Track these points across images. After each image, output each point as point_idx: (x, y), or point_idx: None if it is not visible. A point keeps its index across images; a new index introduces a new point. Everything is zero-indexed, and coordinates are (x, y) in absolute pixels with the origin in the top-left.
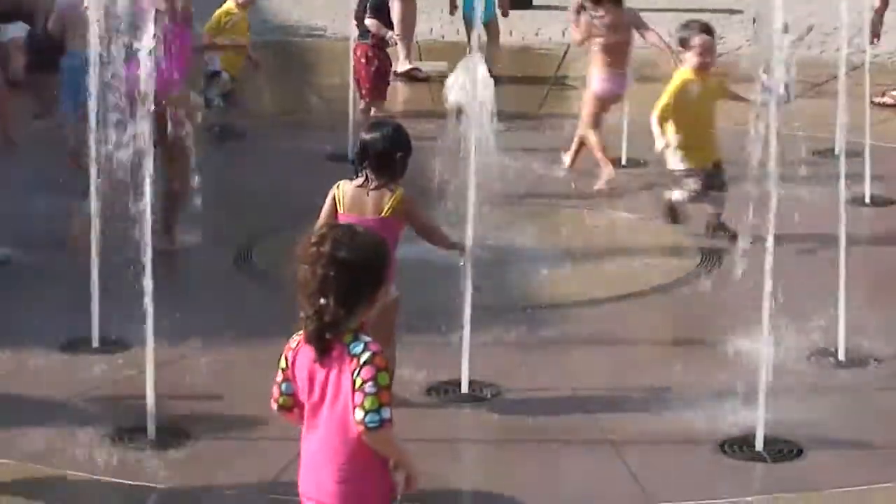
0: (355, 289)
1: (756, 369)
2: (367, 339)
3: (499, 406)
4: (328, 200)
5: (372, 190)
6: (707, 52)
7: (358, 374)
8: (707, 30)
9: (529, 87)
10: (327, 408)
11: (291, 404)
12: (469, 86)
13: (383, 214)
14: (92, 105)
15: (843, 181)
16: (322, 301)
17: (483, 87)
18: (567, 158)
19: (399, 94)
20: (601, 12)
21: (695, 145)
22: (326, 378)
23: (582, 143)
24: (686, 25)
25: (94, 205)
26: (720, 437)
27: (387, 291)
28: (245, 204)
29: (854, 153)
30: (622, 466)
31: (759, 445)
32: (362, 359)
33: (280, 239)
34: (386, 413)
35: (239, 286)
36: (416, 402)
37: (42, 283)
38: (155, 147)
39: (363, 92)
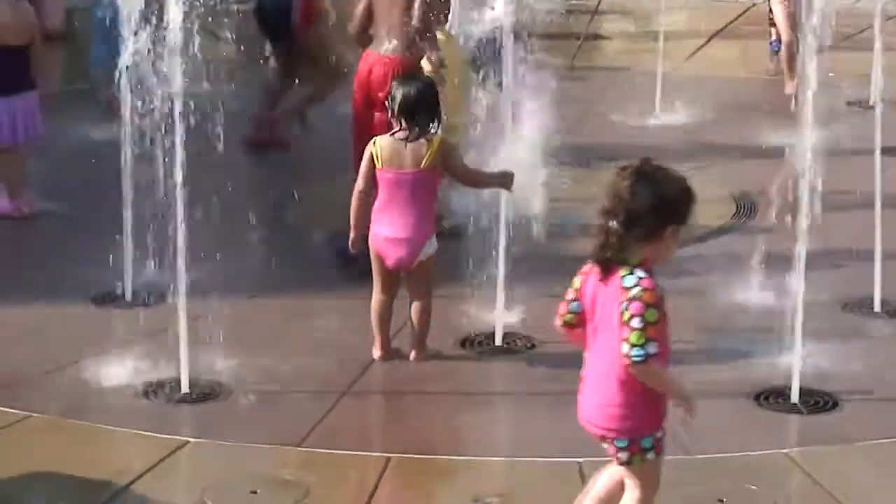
0: (641, 218)
1: (791, 321)
2: (643, 275)
3: (533, 359)
4: (365, 158)
5: (411, 141)
6: None
7: (627, 307)
8: None
9: (564, 41)
10: (600, 334)
11: (575, 323)
12: None
13: (422, 166)
14: (124, 51)
15: (878, 132)
16: (611, 223)
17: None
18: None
19: None
20: None
21: None
22: (604, 305)
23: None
24: None
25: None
26: (755, 389)
27: (678, 235)
28: (281, 157)
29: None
30: None
31: (794, 397)
32: (632, 293)
33: (313, 193)
34: (651, 348)
35: (271, 237)
36: (449, 355)
37: (75, 235)
38: None
39: None
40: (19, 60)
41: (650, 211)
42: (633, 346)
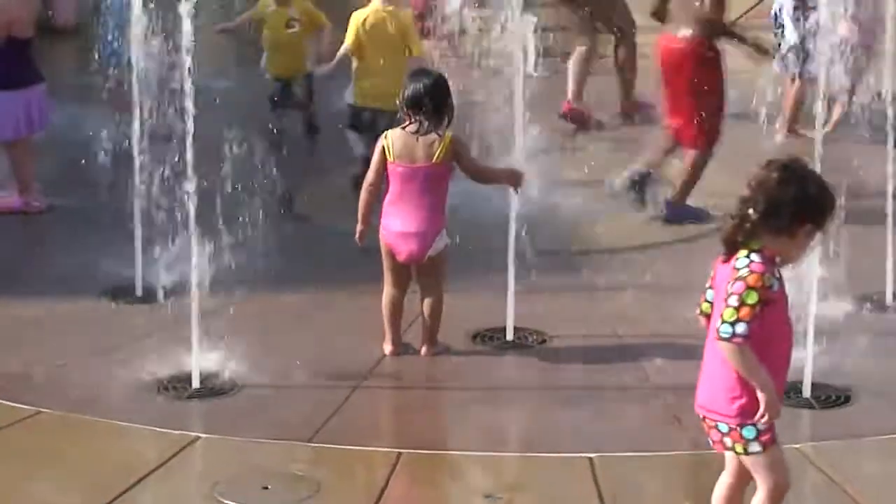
0: (780, 210)
1: (803, 315)
2: (757, 259)
3: (543, 354)
4: (377, 152)
5: (423, 135)
6: None
7: (731, 286)
8: None
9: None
10: (714, 315)
11: (710, 312)
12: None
13: (434, 160)
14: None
15: (890, 127)
16: (749, 211)
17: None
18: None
19: None
20: None
21: None
22: (719, 287)
23: None
24: None
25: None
26: None
27: (812, 238)
28: (289, 151)
29: None
30: (666, 412)
31: (806, 392)
32: (739, 273)
33: (321, 186)
34: (740, 328)
35: (281, 233)
36: (460, 350)
37: (86, 230)
38: None
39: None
40: (27, 53)
41: (791, 204)
42: (724, 322)
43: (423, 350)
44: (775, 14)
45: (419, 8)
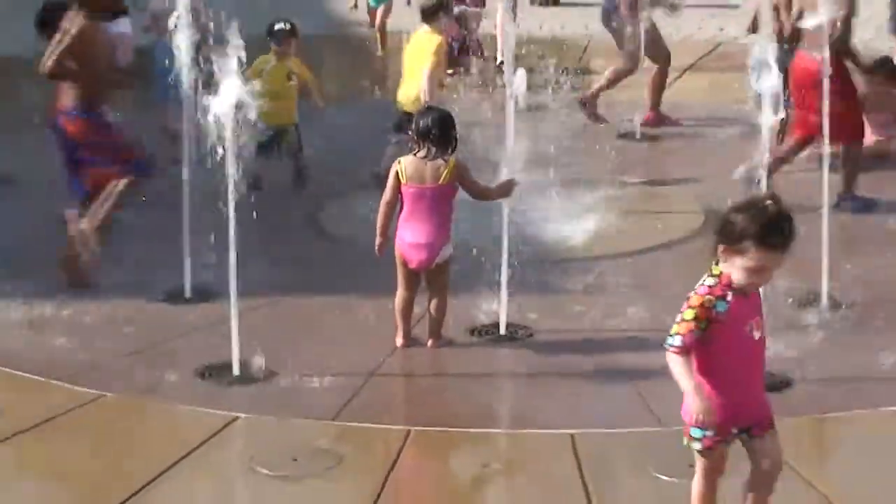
0: (720, 230)
1: None
2: (707, 283)
3: (531, 346)
4: (391, 175)
5: (431, 160)
6: None
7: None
8: None
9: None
10: None
11: None
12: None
13: (441, 181)
14: (183, 85)
15: (826, 138)
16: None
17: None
18: None
19: None
20: None
21: None
22: None
23: None
24: None
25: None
26: None
27: (755, 257)
28: (314, 172)
29: None
30: (639, 398)
31: None
32: (692, 293)
33: (342, 203)
34: (675, 341)
35: (308, 244)
36: (460, 342)
37: (148, 243)
38: None
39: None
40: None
41: (722, 225)
42: (669, 335)
43: (430, 343)
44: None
45: (453, 35)
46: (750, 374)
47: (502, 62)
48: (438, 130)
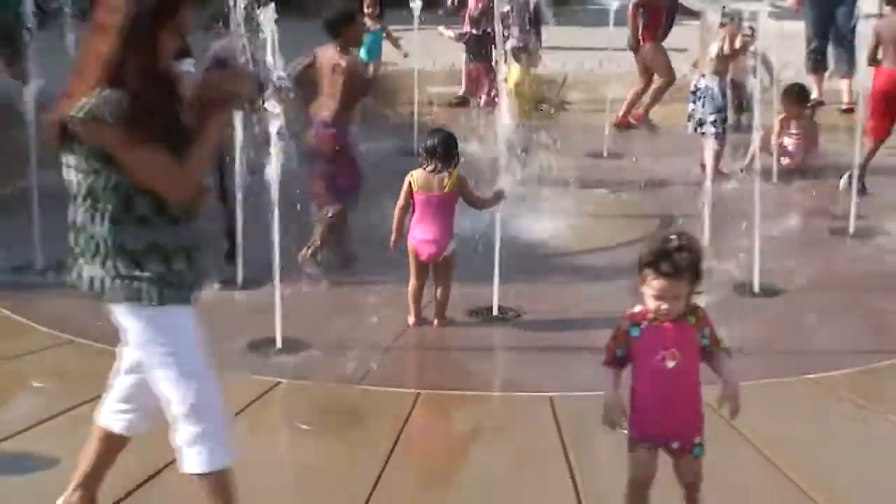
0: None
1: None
2: (636, 307)
3: (519, 325)
4: (405, 185)
5: (437, 174)
6: None
7: None
8: None
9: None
10: None
11: None
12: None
13: (445, 190)
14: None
15: (756, 139)
16: None
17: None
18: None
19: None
20: None
21: None
22: None
23: None
24: None
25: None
26: None
27: (651, 284)
28: None
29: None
30: None
31: None
32: None
33: (362, 213)
34: (603, 355)
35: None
36: (460, 321)
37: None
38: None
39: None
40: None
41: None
42: None
43: (436, 322)
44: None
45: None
46: (665, 398)
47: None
48: (443, 149)
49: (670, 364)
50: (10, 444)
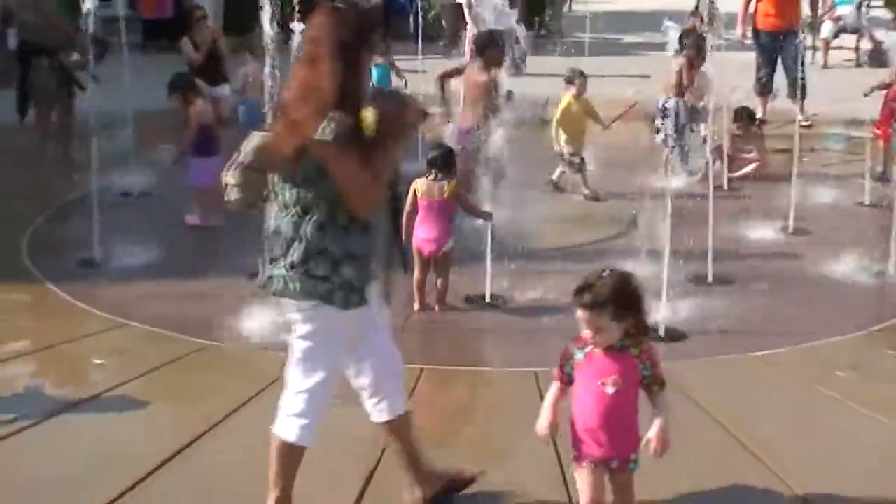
0: None
1: (658, 286)
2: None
3: (508, 310)
4: (410, 192)
5: (438, 182)
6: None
7: None
8: (583, 74)
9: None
10: None
11: None
12: None
13: (445, 196)
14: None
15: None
16: None
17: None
18: None
19: None
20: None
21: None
22: None
23: None
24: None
25: None
26: None
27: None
28: None
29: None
30: None
31: (661, 332)
32: None
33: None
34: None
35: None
36: (457, 307)
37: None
38: None
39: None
40: (215, 136)
41: None
42: None
43: (437, 308)
44: (664, 106)
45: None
46: (604, 421)
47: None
48: (442, 161)
49: (609, 390)
50: (74, 412)
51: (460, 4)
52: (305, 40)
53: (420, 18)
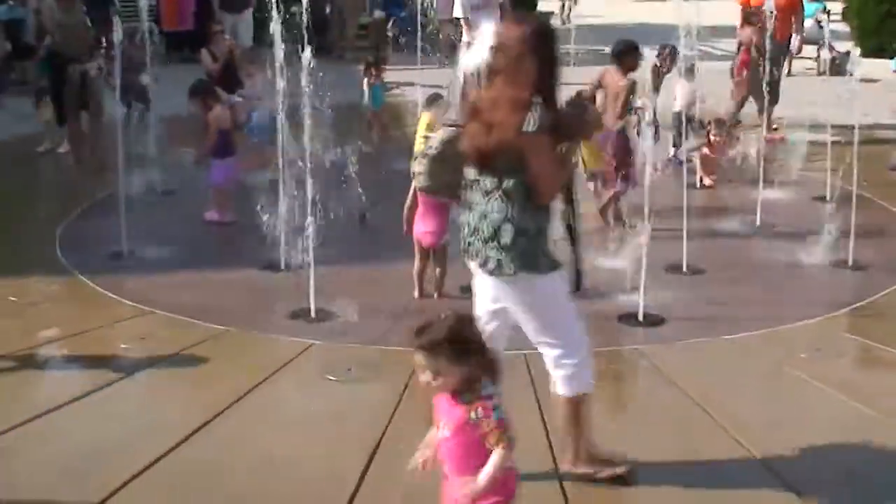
0: None
1: (637, 276)
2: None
3: None
4: (412, 188)
5: None
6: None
7: None
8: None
9: None
10: None
11: None
12: None
13: None
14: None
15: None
16: None
17: None
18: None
19: None
20: None
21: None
22: None
23: None
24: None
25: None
26: (619, 312)
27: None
28: (363, 185)
29: None
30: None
31: (640, 317)
32: None
33: (382, 206)
34: None
35: (359, 234)
36: (455, 295)
37: (255, 233)
38: None
39: None
40: (231, 139)
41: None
42: None
43: (436, 295)
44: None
45: None
46: (443, 460)
47: None
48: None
49: (443, 433)
50: (102, 394)
51: (457, 19)
52: (499, 49)
53: (419, 32)
